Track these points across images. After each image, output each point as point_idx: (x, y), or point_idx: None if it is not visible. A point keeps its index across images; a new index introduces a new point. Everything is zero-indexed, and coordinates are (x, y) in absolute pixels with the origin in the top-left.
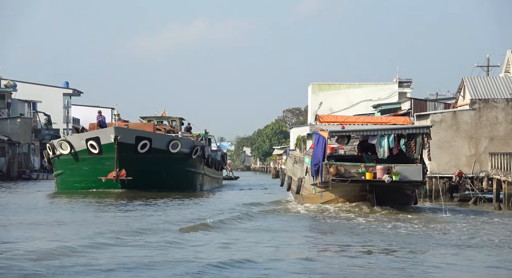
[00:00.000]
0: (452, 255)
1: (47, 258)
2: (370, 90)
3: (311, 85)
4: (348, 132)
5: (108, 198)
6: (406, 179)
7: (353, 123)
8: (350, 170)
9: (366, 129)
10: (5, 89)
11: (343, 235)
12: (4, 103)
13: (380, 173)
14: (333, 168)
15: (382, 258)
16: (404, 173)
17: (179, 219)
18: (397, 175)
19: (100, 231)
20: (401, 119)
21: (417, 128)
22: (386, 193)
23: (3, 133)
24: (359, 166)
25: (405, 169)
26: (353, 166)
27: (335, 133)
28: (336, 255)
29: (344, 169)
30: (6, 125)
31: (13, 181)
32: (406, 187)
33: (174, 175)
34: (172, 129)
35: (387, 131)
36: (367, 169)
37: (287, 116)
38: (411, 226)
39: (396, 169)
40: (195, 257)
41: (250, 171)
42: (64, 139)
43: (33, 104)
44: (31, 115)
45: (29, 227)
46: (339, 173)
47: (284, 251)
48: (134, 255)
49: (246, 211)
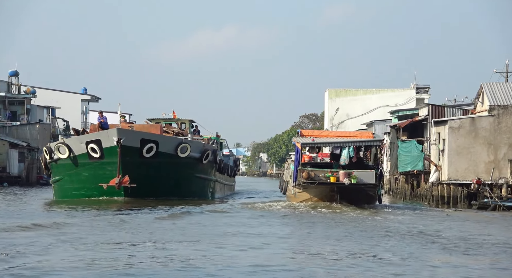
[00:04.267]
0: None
1: None
2: (387, 96)
3: (327, 91)
4: (317, 144)
5: (108, 209)
6: (362, 182)
7: (326, 136)
8: (319, 174)
9: (331, 142)
10: (25, 95)
11: (291, 222)
12: (23, 109)
13: (342, 177)
14: (305, 172)
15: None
16: (361, 177)
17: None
18: (355, 179)
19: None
20: (365, 133)
21: (371, 142)
22: (349, 193)
23: (23, 139)
24: (326, 171)
25: (361, 174)
26: (321, 171)
27: (306, 145)
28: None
29: (314, 173)
30: (26, 131)
31: (31, 186)
32: (364, 188)
33: (183, 181)
34: (181, 132)
35: (347, 143)
36: (332, 173)
37: (304, 122)
38: (347, 217)
39: (354, 174)
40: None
41: (266, 176)
42: (62, 141)
43: (51, 110)
44: (50, 121)
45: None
46: (310, 176)
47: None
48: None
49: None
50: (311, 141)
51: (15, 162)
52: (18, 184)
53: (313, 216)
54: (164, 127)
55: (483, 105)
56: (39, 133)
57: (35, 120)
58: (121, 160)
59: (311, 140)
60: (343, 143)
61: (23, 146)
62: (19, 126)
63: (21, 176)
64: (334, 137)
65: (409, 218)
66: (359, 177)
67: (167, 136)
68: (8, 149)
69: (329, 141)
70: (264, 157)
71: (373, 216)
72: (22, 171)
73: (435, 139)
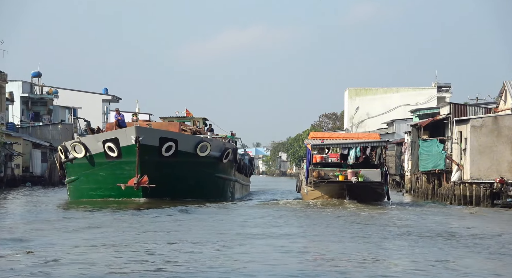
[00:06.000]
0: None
1: None
2: (407, 95)
3: (347, 90)
4: (326, 145)
5: (133, 209)
6: (368, 180)
7: (335, 138)
8: (329, 173)
9: (340, 143)
10: (47, 96)
11: (300, 218)
12: (46, 110)
13: (350, 175)
14: (316, 172)
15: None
16: (367, 175)
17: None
18: (361, 177)
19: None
20: (372, 135)
21: (376, 142)
22: (357, 191)
23: (45, 139)
24: (335, 170)
25: (368, 172)
26: (330, 170)
27: (316, 146)
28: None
29: (324, 172)
30: (48, 131)
31: (54, 186)
32: (370, 186)
33: (202, 181)
34: (199, 131)
35: (354, 144)
36: (341, 172)
37: (323, 121)
38: (356, 214)
39: (361, 172)
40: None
41: (286, 176)
42: (78, 140)
43: (73, 110)
44: (71, 121)
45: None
46: (320, 175)
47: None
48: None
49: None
50: (320, 143)
51: (38, 162)
52: (41, 184)
53: (330, 214)
54: (181, 126)
55: (506, 103)
56: (61, 133)
57: (57, 121)
58: (139, 159)
59: (321, 141)
60: (350, 144)
61: (45, 146)
62: (42, 126)
63: (44, 176)
64: (342, 139)
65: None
66: (365, 175)
67: (187, 134)
68: (31, 149)
69: (337, 142)
70: (284, 156)
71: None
72: (45, 171)
73: (457, 138)
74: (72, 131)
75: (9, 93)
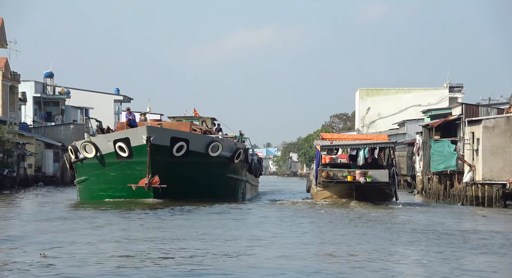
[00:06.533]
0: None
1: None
2: (419, 95)
3: (358, 90)
4: (334, 146)
5: (144, 209)
6: (376, 180)
7: (344, 139)
8: (338, 174)
9: (348, 144)
10: (60, 96)
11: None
12: (58, 110)
13: (358, 176)
14: (325, 172)
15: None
16: (375, 176)
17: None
18: (370, 177)
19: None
20: (381, 136)
21: (384, 143)
22: (365, 191)
23: (57, 139)
24: (343, 171)
25: (376, 173)
26: (339, 171)
27: (325, 147)
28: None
29: (333, 173)
30: (60, 131)
31: (66, 185)
32: (378, 186)
33: (214, 182)
34: (209, 130)
35: (362, 145)
36: (349, 173)
37: (334, 122)
38: (359, 212)
39: (369, 173)
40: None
41: (297, 176)
42: (88, 140)
43: (85, 110)
44: (83, 121)
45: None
46: (329, 176)
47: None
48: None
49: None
50: (329, 144)
51: (50, 162)
52: (53, 184)
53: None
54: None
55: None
56: (73, 133)
57: (69, 121)
58: (150, 159)
59: (330, 142)
60: (359, 145)
61: (57, 146)
62: (54, 126)
63: (56, 176)
64: (351, 140)
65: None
66: (373, 176)
67: (198, 134)
68: (43, 149)
69: (346, 143)
70: (295, 156)
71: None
72: (57, 170)
73: (469, 139)
74: (84, 132)
75: (22, 93)
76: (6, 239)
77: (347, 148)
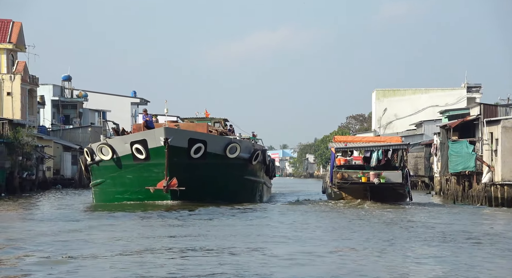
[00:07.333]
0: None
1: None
2: (436, 95)
3: (375, 91)
4: (349, 148)
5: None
6: (390, 181)
7: (358, 142)
8: (352, 175)
9: (362, 146)
10: (77, 99)
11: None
12: (76, 113)
13: (372, 177)
14: (340, 174)
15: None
16: (389, 177)
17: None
18: (383, 178)
19: None
20: (394, 138)
21: (397, 145)
22: (379, 192)
23: (75, 142)
24: (358, 172)
25: (389, 174)
26: (353, 172)
27: (340, 149)
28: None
29: (348, 174)
30: (78, 134)
31: (84, 188)
32: (392, 187)
33: (231, 183)
34: (225, 131)
35: (376, 147)
36: (364, 174)
37: (351, 123)
38: (371, 212)
39: (383, 174)
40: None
41: (313, 178)
42: (105, 142)
43: (102, 113)
44: (101, 124)
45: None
46: (344, 177)
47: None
48: None
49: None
50: (344, 146)
51: (69, 165)
52: (72, 186)
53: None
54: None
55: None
56: (90, 136)
57: (87, 124)
58: (168, 161)
59: (344, 144)
60: (372, 147)
61: (75, 149)
62: (72, 129)
63: (74, 178)
64: (365, 142)
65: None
66: (387, 177)
67: (216, 135)
68: (61, 152)
69: (360, 146)
70: (311, 158)
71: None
72: (75, 173)
73: (487, 139)
74: (101, 134)
75: (41, 97)
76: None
77: (361, 150)
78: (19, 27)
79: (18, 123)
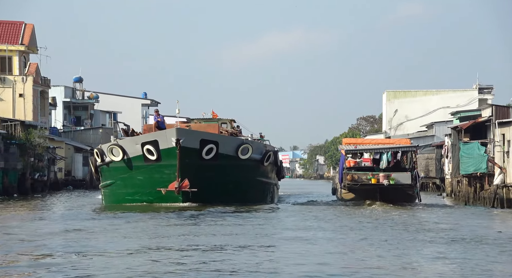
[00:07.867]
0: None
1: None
2: (447, 97)
3: (385, 92)
4: (359, 150)
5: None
6: (399, 183)
7: (367, 144)
8: (362, 177)
9: (372, 148)
10: (89, 100)
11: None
12: (87, 114)
13: (381, 178)
14: (350, 175)
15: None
16: (398, 178)
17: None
18: (393, 180)
19: None
20: (403, 140)
21: (406, 147)
22: (389, 193)
23: (86, 143)
24: (367, 173)
25: (398, 176)
26: (363, 174)
27: (350, 151)
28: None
29: (358, 176)
30: (89, 136)
31: (95, 189)
32: (401, 188)
33: (243, 185)
34: (235, 132)
35: (385, 149)
36: (373, 176)
37: (361, 124)
38: (378, 213)
39: (392, 176)
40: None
41: (323, 179)
42: (115, 143)
43: (113, 114)
44: (112, 125)
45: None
46: (354, 179)
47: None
48: None
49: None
50: (354, 148)
51: (80, 166)
52: (83, 187)
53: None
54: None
55: None
56: (102, 137)
57: (98, 125)
58: (180, 163)
59: (354, 147)
60: (382, 149)
61: (87, 150)
62: (83, 131)
63: (85, 179)
64: (374, 144)
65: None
66: (396, 179)
67: (228, 136)
68: (73, 153)
69: (369, 148)
70: (321, 159)
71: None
72: (86, 174)
73: (499, 141)
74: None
75: (52, 98)
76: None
77: (371, 152)
78: (31, 29)
79: (30, 124)
